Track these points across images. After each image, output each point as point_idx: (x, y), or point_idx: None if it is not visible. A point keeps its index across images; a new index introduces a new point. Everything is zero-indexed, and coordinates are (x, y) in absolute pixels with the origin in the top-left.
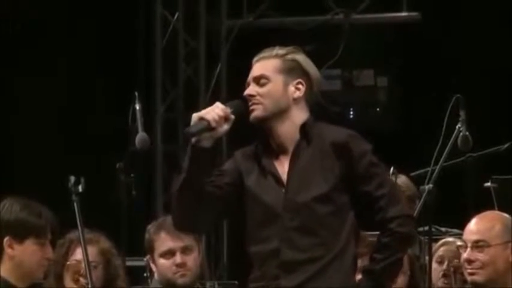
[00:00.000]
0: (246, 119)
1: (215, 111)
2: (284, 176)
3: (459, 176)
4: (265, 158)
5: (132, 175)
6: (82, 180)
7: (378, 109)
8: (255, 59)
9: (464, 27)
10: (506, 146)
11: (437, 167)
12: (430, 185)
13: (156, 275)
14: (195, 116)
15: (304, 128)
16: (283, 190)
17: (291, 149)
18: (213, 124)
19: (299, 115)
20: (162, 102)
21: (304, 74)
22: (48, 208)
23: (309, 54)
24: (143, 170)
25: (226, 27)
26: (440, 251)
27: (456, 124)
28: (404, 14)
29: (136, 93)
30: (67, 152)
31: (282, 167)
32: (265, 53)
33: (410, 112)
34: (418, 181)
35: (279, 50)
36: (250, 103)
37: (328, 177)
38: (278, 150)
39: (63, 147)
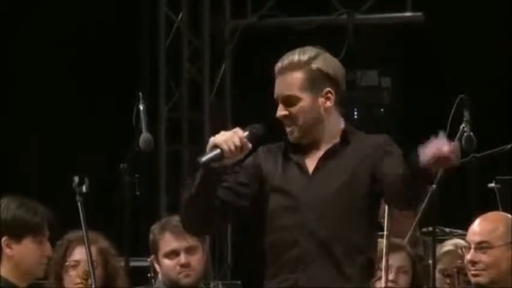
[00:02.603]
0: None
1: (233, 140)
2: (311, 168)
3: (463, 176)
4: (293, 153)
5: (136, 175)
6: (86, 180)
7: (381, 109)
8: (278, 68)
9: (468, 27)
10: (510, 146)
11: None
12: (434, 186)
13: (160, 275)
14: (211, 141)
15: (345, 133)
16: (306, 181)
17: (325, 148)
18: (227, 155)
19: (334, 120)
20: (166, 103)
21: (329, 80)
22: (52, 208)
23: None
24: (147, 171)
25: (230, 27)
26: (444, 263)
27: (460, 124)
28: (408, 14)
29: (140, 94)
30: (71, 151)
31: (311, 160)
32: (287, 61)
33: (414, 112)
34: None
35: (301, 57)
36: (284, 124)
37: (359, 177)
38: (310, 148)
39: (67, 147)
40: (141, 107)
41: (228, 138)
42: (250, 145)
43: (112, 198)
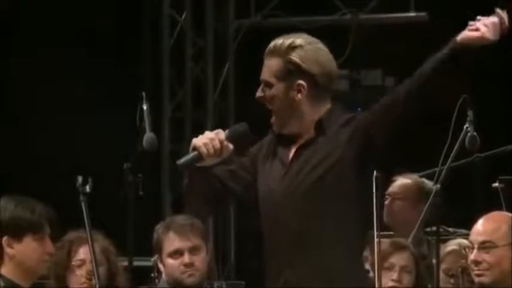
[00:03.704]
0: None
1: (213, 143)
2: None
3: (467, 176)
4: (280, 146)
5: (139, 175)
6: (89, 180)
7: None
8: (266, 50)
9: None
10: None
11: (445, 167)
12: (438, 185)
13: (163, 275)
14: (192, 143)
15: (319, 124)
16: (283, 173)
17: (302, 141)
18: (206, 158)
19: (310, 112)
20: (170, 102)
21: (303, 73)
22: (55, 207)
23: None
24: (151, 170)
25: (234, 26)
26: (448, 262)
27: (464, 124)
28: (412, 14)
29: (143, 93)
30: (75, 151)
31: (290, 153)
32: (272, 44)
33: None
34: None
35: (284, 44)
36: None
37: (338, 163)
38: (291, 141)
39: (72, 147)
40: (145, 107)
41: (208, 141)
42: (231, 147)
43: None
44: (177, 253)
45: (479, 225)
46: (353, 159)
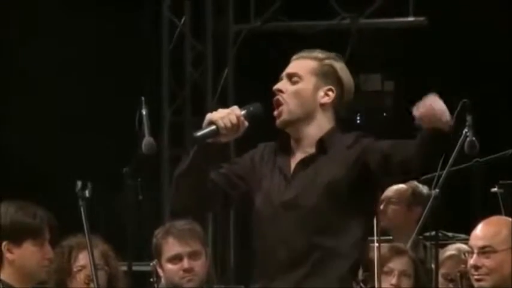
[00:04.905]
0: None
1: (229, 117)
2: (291, 172)
3: (466, 181)
4: (282, 156)
5: (139, 179)
6: (89, 185)
7: (384, 114)
8: (294, 57)
9: (471, 32)
10: None
11: (444, 171)
12: (437, 190)
13: (163, 280)
14: (207, 118)
15: (321, 142)
16: (284, 186)
17: (309, 152)
18: (223, 132)
19: (324, 122)
20: (169, 106)
21: (337, 81)
22: (55, 212)
23: None
24: (150, 175)
25: (234, 31)
26: (447, 267)
27: (463, 129)
28: (411, 18)
29: (143, 98)
30: (75, 156)
31: (293, 163)
32: (305, 53)
33: None
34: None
35: (319, 54)
36: (274, 99)
37: (339, 181)
38: (296, 151)
39: (71, 152)
40: (144, 111)
41: (225, 115)
42: (246, 123)
43: (115, 202)
44: (176, 258)
45: (479, 230)
46: (357, 179)
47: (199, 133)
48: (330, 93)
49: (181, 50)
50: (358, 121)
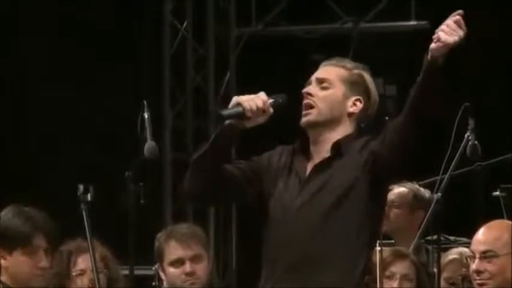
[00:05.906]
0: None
1: (255, 101)
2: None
3: (468, 184)
4: (299, 159)
5: (141, 184)
6: (91, 189)
7: (386, 118)
8: (324, 63)
9: (472, 35)
10: None
11: (446, 175)
12: (439, 194)
13: (165, 284)
14: (234, 99)
15: (337, 146)
16: (298, 191)
17: (319, 159)
18: (248, 114)
19: (347, 131)
20: (171, 110)
21: (365, 92)
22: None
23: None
24: (152, 179)
25: (235, 35)
26: (449, 271)
27: (465, 133)
28: (413, 22)
29: (145, 102)
30: (76, 160)
31: (309, 168)
32: (335, 60)
33: None
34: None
35: (348, 63)
36: (304, 102)
37: (351, 186)
38: (314, 155)
39: (72, 155)
40: (146, 115)
41: (252, 99)
42: (272, 110)
43: (117, 206)
44: (178, 262)
45: (481, 234)
46: (369, 182)
47: (225, 112)
48: (358, 103)
49: (183, 54)
50: (361, 125)
